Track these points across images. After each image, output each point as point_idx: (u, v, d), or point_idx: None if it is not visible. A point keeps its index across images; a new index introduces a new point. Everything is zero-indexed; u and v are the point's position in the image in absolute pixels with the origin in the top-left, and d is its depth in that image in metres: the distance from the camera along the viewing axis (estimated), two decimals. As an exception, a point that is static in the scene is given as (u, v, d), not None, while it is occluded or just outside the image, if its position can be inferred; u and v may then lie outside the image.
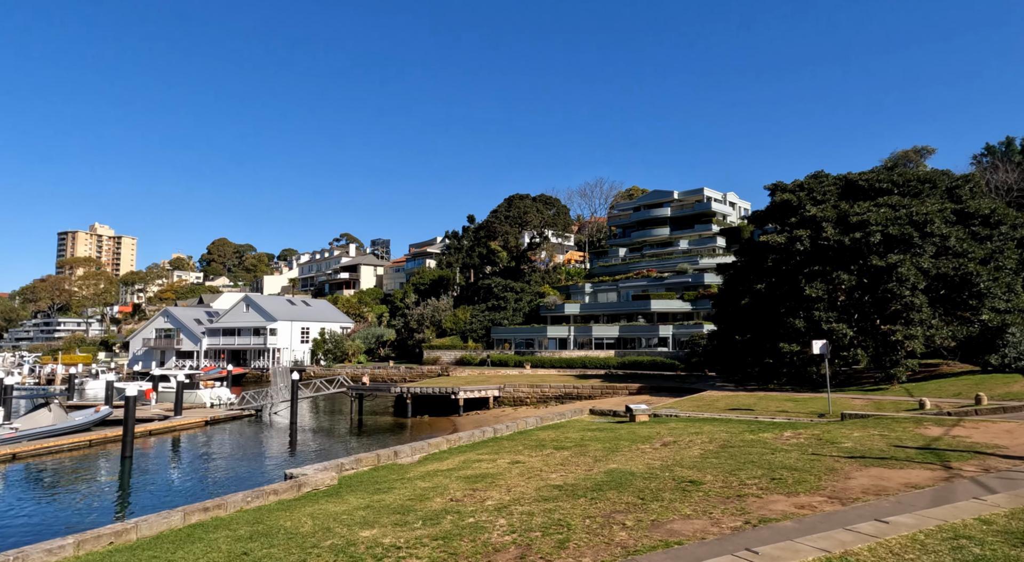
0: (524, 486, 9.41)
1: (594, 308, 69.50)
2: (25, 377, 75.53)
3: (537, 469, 10.79)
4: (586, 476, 9.91)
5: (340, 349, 76.21)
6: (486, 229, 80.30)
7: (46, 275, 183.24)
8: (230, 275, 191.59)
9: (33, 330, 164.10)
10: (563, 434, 15.42)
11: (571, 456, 11.99)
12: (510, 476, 10.33)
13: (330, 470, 11.02)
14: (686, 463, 10.67)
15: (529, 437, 15.09)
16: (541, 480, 9.87)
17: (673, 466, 10.47)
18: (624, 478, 9.61)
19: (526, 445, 13.75)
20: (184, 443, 32.32)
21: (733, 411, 21.52)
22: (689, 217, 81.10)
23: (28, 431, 29.66)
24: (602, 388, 39.36)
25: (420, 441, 12.99)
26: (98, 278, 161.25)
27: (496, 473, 10.61)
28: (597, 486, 9.13)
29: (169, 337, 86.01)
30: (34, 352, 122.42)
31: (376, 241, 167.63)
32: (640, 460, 11.19)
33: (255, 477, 23.79)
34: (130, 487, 23.07)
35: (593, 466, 10.80)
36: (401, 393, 40.90)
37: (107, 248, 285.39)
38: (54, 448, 28.38)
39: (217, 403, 44.11)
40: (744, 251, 37.88)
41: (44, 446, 28.06)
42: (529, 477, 10.11)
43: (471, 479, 10.24)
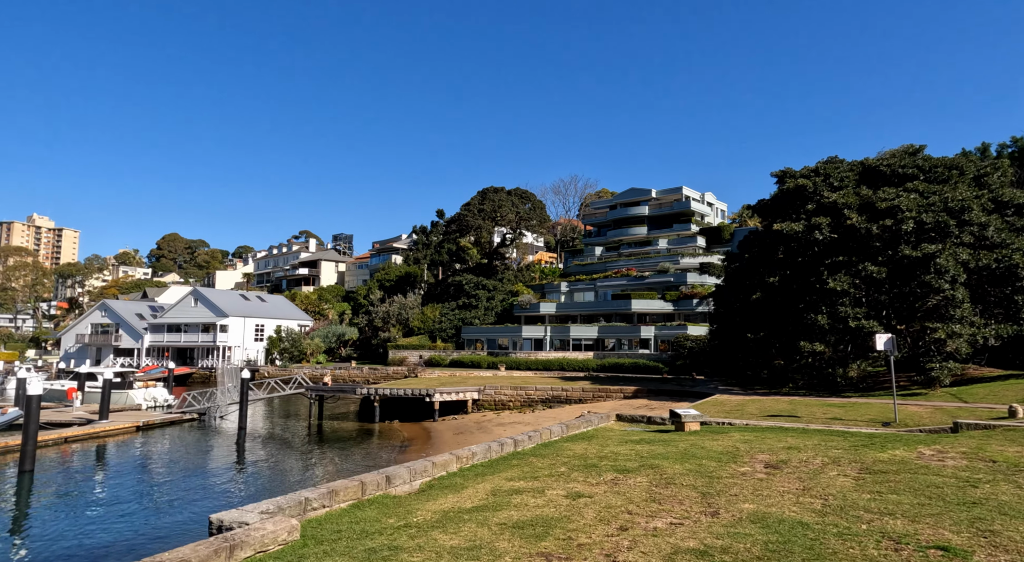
0: (629, 551, 5.45)
1: (571, 308, 66.15)
2: (-64, 375, 67.41)
3: (620, 510, 6.85)
4: (727, 530, 6.02)
5: (298, 348, 70.65)
6: (458, 223, 76.09)
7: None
8: (181, 271, 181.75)
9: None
10: (604, 448, 11.56)
11: (652, 485, 8.11)
12: (585, 523, 6.37)
13: (287, 512, 6.82)
14: (860, 503, 6.96)
15: (562, 452, 11.16)
16: (647, 534, 5.92)
17: (847, 508, 6.73)
18: (801, 537, 5.75)
19: (569, 465, 9.81)
20: (109, 453, 27.13)
21: (775, 418, 18.07)
22: (668, 216, 78.75)
23: (-94, 438, 24.10)
24: (593, 391, 35.70)
25: (420, 461, 8.89)
26: (30, 269, 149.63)
27: (558, 518, 6.63)
28: (769, 555, 5.26)
29: (107, 333, 78.65)
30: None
31: (338, 236, 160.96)
32: (774, 496, 7.41)
33: (183, 506, 19.10)
34: (27, 512, 18.12)
35: (709, 506, 6.96)
36: (368, 395, 36.35)
37: (47, 241, 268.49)
38: (-65, 460, 22.91)
39: (153, 405, 38.61)
40: (750, 243, 34.81)
41: (-79, 457, 22.58)
42: (621, 527, 6.17)
43: (525, 531, 6.21)
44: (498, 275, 75.10)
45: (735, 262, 36.22)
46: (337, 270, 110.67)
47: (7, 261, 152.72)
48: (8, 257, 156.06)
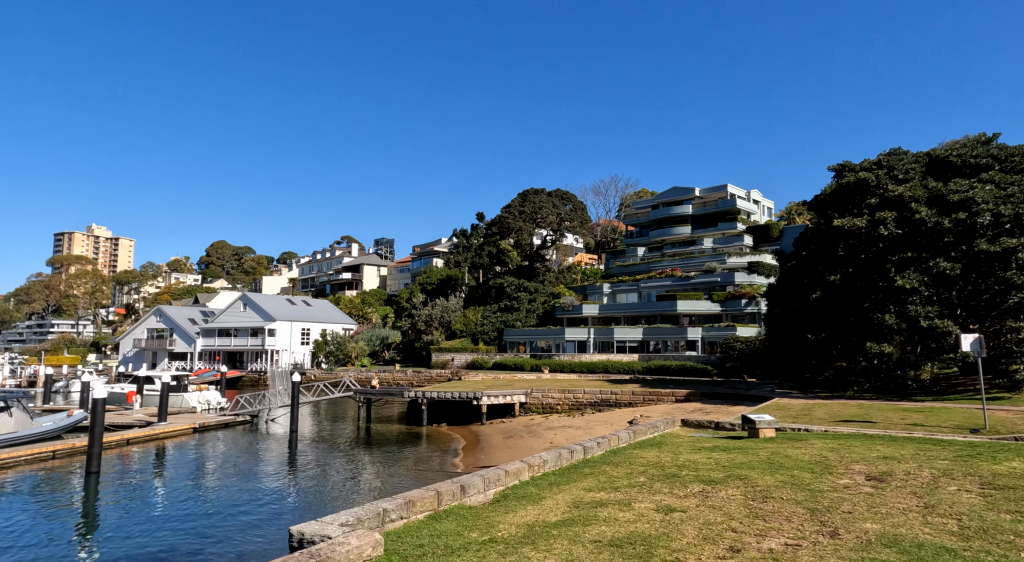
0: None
1: (614, 309, 65.16)
2: (6, 378, 70.99)
3: (722, 527, 6.29)
4: (859, 555, 5.40)
5: (343, 351, 71.62)
6: (498, 225, 75.94)
7: (38, 272, 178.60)
8: (228, 277, 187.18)
9: (26, 332, 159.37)
10: (678, 455, 10.96)
11: (748, 499, 7.50)
12: (688, 543, 5.84)
13: (366, 525, 6.51)
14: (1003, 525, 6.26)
15: (634, 460, 10.62)
16: (764, 557, 5.37)
17: (991, 531, 6.05)
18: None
19: (647, 475, 9.28)
20: (168, 454, 27.76)
21: (849, 423, 17.06)
22: (712, 215, 76.72)
23: (-19, 440, 25.12)
24: (643, 394, 34.84)
25: (493, 470, 8.50)
26: (90, 277, 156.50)
27: (657, 535, 6.12)
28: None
29: (161, 337, 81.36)
30: (25, 354, 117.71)
31: (380, 241, 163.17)
32: (894, 514, 6.73)
33: (246, 510, 19.23)
34: (97, 512, 18.55)
35: (823, 524, 6.33)
36: (415, 398, 36.34)
37: (104, 249, 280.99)
38: (8, 461, 23.78)
39: (207, 408, 39.52)
40: (806, 240, 33.42)
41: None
42: (731, 548, 5.63)
43: (625, 551, 5.73)
44: (539, 277, 74.63)
45: (790, 260, 34.87)
46: (379, 274, 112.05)
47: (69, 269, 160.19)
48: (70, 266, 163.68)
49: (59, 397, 53.04)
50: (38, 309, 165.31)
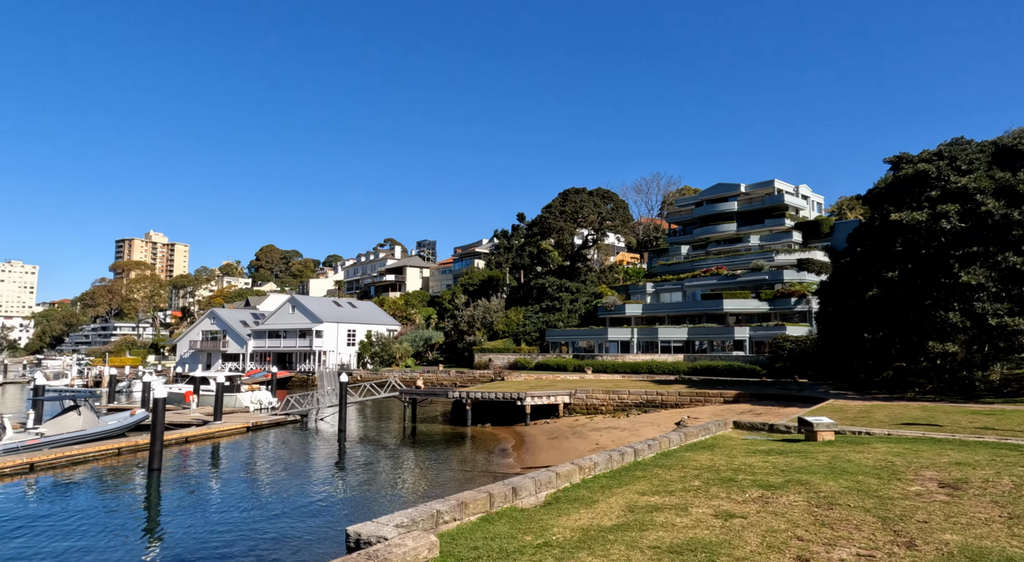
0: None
1: (657, 309, 64.16)
2: (74, 379, 74.85)
3: (787, 535, 6.04)
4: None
5: (387, 352, 72.76)
6: (539, 225, 75.81)
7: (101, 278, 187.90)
8: (277, 281, 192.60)
9: (91, 334, 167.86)
10: (732, 459, 10.64)
11: (812, 506, 7.19)
12: (752, 551, 5.62)
13: (421, 526, 6.51)
14: None
15: (686, 463, 10.36)
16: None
17: None
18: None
19: (702, 478, 9.02)
20: (224, 452, 28.71)
21: (912, 427, 16.28)
22: (759, 211, 74.70)
23: (53, 437, 26.51)
24: (690, 395, 34.15)
25: (543, 472, 8.41)
26: (148, 281, 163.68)
27: (717, 542, 5.91)
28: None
29: (215, 339, 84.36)
30: (91, 355, 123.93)
31: (422, 242, 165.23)
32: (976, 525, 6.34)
33: (300, 507, 19.69)
34: (159, 507, 19.31)
35: (897, 534, 6.00)
36: (459, 398, 36.58)
37: (161, 255, 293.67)
38: (78, 457, 25.02)
39: (258, 407, 40.72)
40: (861, 235, 32.16)
41: (66, 455, 24.72)
42: (799, 558, 5.43)
43: (685, 558, 5.54)
44: (580, 277, 74.15)
45: (843, 257, 33.63)
46: (422, 276, 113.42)
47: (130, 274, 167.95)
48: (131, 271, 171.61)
49: (122, 396, 55.57)
50: (102, 312, 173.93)
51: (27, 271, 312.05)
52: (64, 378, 75.17)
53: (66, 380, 72.29)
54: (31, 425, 28.61)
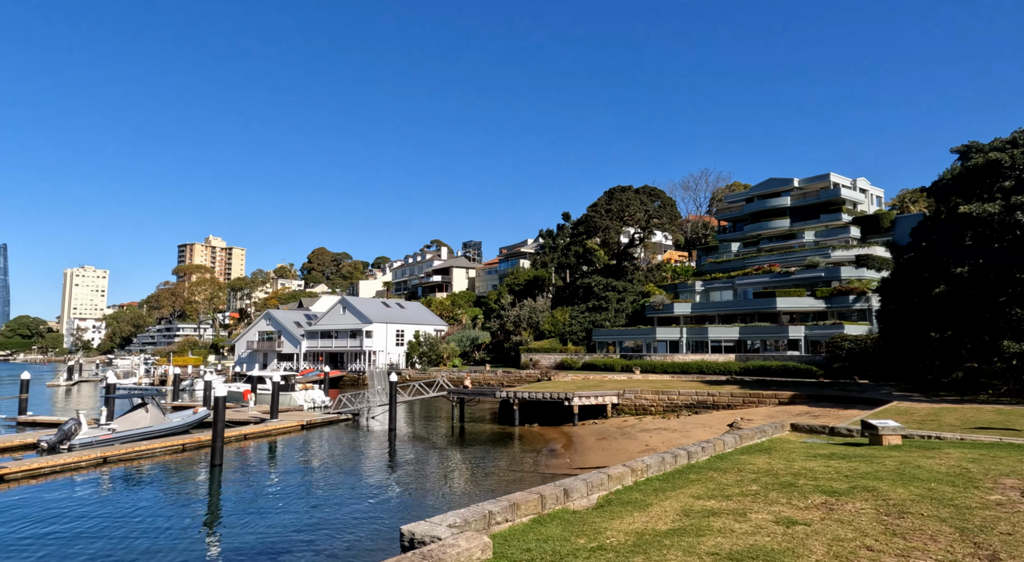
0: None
1: (707, 308, 62.76)
2: (142, 378, 78.77)
3: (856, 544, 5.76)
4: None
5: (435, 352, 73.67)
6: (584, 224, 75.28)
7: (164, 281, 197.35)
8: (328, 282, 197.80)
9: (157, 335, 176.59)
10: (791, 463, 10.26)
11: (881, 514, 6.84)
12: (818, 560, 5.37)
13: (473, 526, 6.52)
14: None
15: (743, 466, 10.05)
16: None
17: None
18: None
19: (759, 483, 8.73)
20: (280, 449, 29.66)
21: (986, 431, 15.35)
22: (813, 206, 71.96)
23: (124, 433, 27.96)
24: (742, 396, 33.23)
25: (595, 474, 8.31)
26: (208, 284, 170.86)
27: (780, 550, 5.69)
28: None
29: (271, 340, 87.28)
30: (156, 355, 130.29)
31: (467, 243, 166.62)
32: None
33: (354, 504, 20.13)
34: (220, 501, 20.09)
35: (978, 547, 5.66)
36: (507, 398, 36.68)
37: (220, 258, 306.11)
38: (146, 452, 26.32)
39: (312, 406, 41.88)
40: (926, 230, 30.59)
41: (135, 450, 26.03)
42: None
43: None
44: (627, 276, 73.25)
45: (906, 252, 32.11)
46: (468, 276, 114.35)
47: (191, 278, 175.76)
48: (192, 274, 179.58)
49: (185, 395, 58.14)
50: (166, 314, 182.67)
51: (99, 275, 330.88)
52: (133, 377, 79.20)
53: (134, 379, 76.13)
54: (104, 421, 30.27)
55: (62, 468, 23.25)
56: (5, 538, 15.71)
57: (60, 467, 23.23)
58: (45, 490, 20.74)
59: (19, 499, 19.61)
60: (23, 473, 22.12)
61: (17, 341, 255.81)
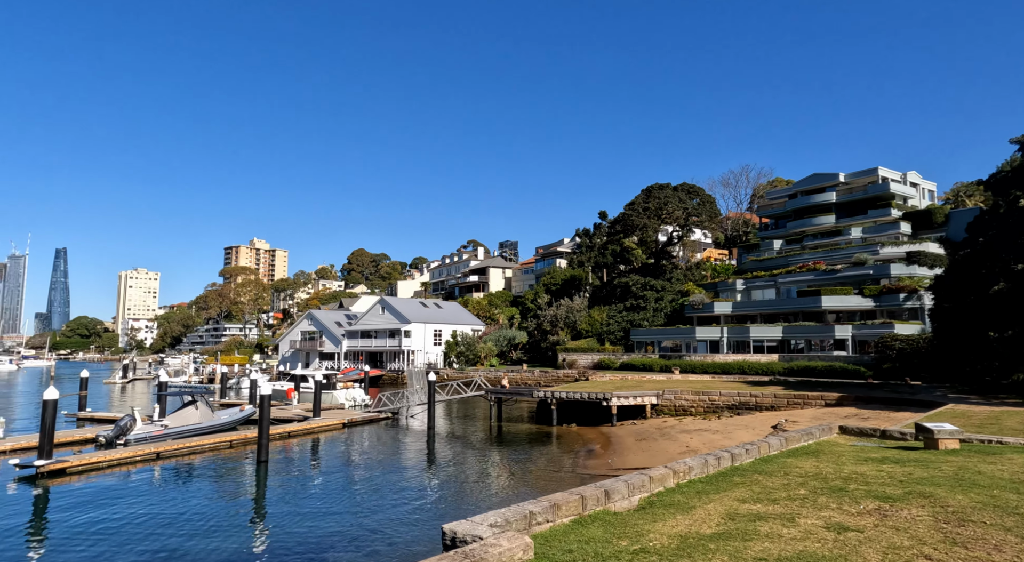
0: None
1: (748, 307, 61.38)
2: (191, 376, 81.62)
3: (913, 553, 5.54)
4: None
5: (472, 351, 74.10)
6: (621, 223, 74.56)
7: (212, 283, 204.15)
8: (367, 283, 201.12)
9: (205, 335, 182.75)
10: (841, 466, 9.93)
11: (940, 522, 6.56)
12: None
13: (514, 526, 6.51)
14: None
15: (788, 469, 9.77)
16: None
17: None
18: None
19: (807, 487, 8.48)
20: (323, 447, 30.30)
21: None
22: (860, 202, 69.62)
23: (175, 429, 29.02)
24: (786, 397, 32.37)
25: (636, 475, 8.20)
26: (253, 285, 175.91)
27: (831, 558, 5.51)
28: None
29: (313, 339, 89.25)
30: (204, 354, 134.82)
31: (504, 243, 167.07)
32: None
33: (395, 502, 20.40)
34: (266, 496, 20.65)
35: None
36: (544, 398, 36.62)
37: (263, 260, 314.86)
38: (196, 448, 27.26)
39: (353, 404, 42.66)
40: (983, 224, 29.23)
41: (186, 445, 27.00)
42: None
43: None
44: (666, 275, 72.23)
45: (962, 248, 30.76)
46: (504, 276, 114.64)
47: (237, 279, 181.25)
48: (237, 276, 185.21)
49: (232, 393, 60.01)
50: (213, 315, 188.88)
51: (151, 277, 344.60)
52: (183, 375, 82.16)
53: (184, 377, 78.93)
54: (156, 418, 31.48)
55: (119, 462, 24.28)
56: (66, 529, 16.49)
57: (116, 461, 24.26)
58: (103, 483, 21.69)
59: (79, 492, 20.57)
60: (83, 467, 23.19)
61: (76, 340, 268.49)
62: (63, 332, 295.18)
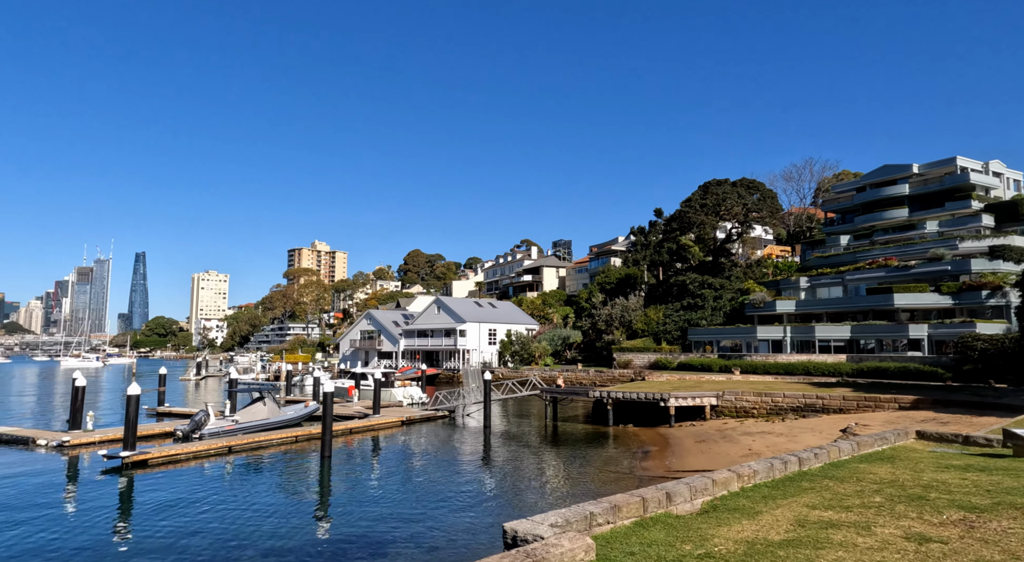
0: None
1: (813, 305, 58.95)
2: (259, 373, 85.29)
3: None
4: None
5: (526, 351, 74.25)
6: (678, 220, 73.02)
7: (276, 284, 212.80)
8: (423, 283, 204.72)
9: (270, 334, 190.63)
10: (919, 473, 9.41)
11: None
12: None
13: (575, 527, 6.49)
14: None
15: (861, 475, 9.33)
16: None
17: None
18: None
19: (883, 494, 8.07)
20: (383, 443, 31.06)
21: None
22: (936, 194, 65.58)
23: (245, 424, 30.37)
24: (856, 399, 30.92)
25: (698, 478, 8.02)
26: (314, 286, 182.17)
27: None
28: None
29: (371, 338, 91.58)
30: (270, 353, 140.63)
31: (557, 242, 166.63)
32: None
33: (453, 499, 20.70)
34: (330, 490, 21.36)
35: None
36: (600, 398, 36.31)
37: (324, 262, 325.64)
38: (264, 443, 28.48)
39: (410, 402, 43.52)
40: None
41: (256, 440, 28.25)
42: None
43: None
44: (724, 273, 70.26)
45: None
46: (558, 275, 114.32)
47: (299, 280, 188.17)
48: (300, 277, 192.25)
49: (296, 390, 62.39)
50: (278, 315, 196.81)
51: (220, 279, 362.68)
52: (251, 373, 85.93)
53: (252, 375, 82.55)
54: (228, 413, 33.06)
55: (195, 455, 25.66)
56: (148, 514, 17.56)
57: (193, 454, 25.65)
58: (180, 474, 22.98)
59: (159, 481, 21.87)
60: (163, 459, 24.63)
61: (155, 339, 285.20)
62: (142, 331, 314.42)
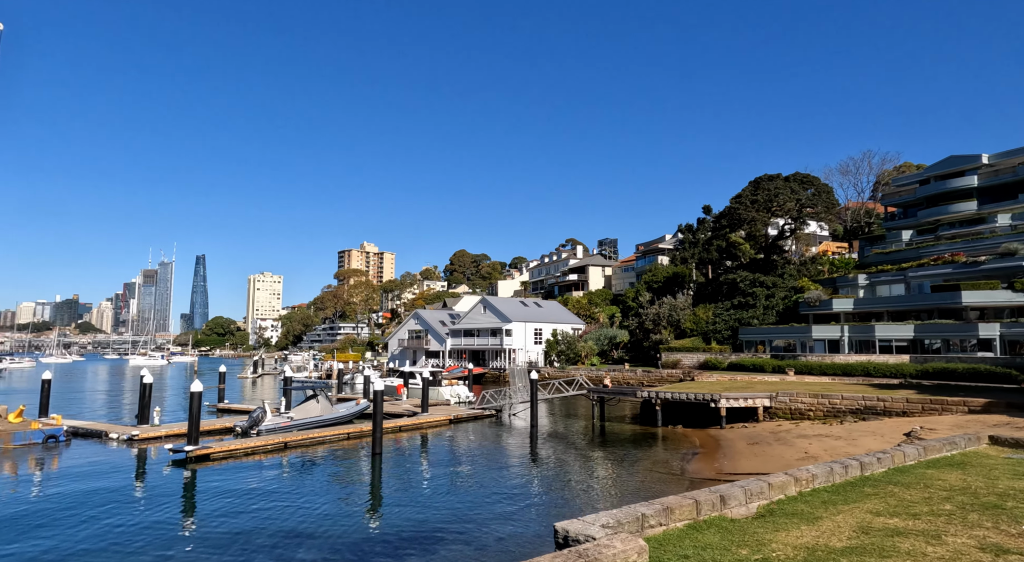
0: None
1: (873, 304, 56.54)
2: (311, 372, 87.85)
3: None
4: None
5: (573, 350, 73.89)
6: (727, 217, 71.25)
7: (327, 285, 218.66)
8: (469, 283, 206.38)
9: (322, 333, 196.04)
10: (993, 481, 8.93)
11: None
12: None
13: (627, 528, 6.43)
14: None
15: (929, 481, 8.90)
16: None
17: None
18: None
19: (953, 502, 7.69)
20: (431, 441, 31.50)
21: None
22: (1009, 185, 61.73)
23: (299, 421, 31.33)
24: (921, 402, 29.48)
25: (754, 481, 7.83)
26: (364, 287, 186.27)
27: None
28: None
29: (419, 338, 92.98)
30: (322, 352, 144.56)
31: (603, 241, 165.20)
32: None
33: (500, 497, 20.80)
34: (381, 487, 21.83)
35: None
36: (648, 398, 35.81)
37: (373, 262, 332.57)
38: (318, 439, 29.32)
39: (457, 401, 43.97)
40: None
41: (310, 437, 29.11)
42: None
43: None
44: (776, 271, 68.13)
45: None
46: (604, 274, 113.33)
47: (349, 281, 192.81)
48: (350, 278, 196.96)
49: (347, 388, 63.96)
50: (329, 315, 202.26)
51: (275, 280, 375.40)
52: (304, 371, 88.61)
53: (305, 373, 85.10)
54: (283, 410, 34.19)
55: (253, 451, 26.66)
56: (211, 506, 18.35)
57: (251, 449, 26.65)
58: (240, 468, 23.91)
59: (221, 474, 22.81)
60: (223, 454, 25.69)
61: (214, 339, 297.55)
62: (203, 331, 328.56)
